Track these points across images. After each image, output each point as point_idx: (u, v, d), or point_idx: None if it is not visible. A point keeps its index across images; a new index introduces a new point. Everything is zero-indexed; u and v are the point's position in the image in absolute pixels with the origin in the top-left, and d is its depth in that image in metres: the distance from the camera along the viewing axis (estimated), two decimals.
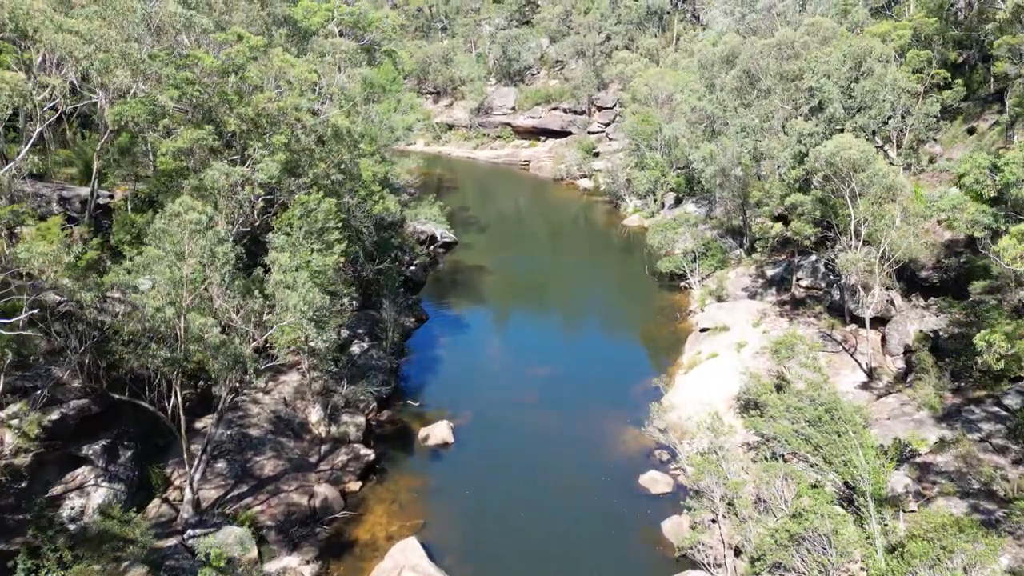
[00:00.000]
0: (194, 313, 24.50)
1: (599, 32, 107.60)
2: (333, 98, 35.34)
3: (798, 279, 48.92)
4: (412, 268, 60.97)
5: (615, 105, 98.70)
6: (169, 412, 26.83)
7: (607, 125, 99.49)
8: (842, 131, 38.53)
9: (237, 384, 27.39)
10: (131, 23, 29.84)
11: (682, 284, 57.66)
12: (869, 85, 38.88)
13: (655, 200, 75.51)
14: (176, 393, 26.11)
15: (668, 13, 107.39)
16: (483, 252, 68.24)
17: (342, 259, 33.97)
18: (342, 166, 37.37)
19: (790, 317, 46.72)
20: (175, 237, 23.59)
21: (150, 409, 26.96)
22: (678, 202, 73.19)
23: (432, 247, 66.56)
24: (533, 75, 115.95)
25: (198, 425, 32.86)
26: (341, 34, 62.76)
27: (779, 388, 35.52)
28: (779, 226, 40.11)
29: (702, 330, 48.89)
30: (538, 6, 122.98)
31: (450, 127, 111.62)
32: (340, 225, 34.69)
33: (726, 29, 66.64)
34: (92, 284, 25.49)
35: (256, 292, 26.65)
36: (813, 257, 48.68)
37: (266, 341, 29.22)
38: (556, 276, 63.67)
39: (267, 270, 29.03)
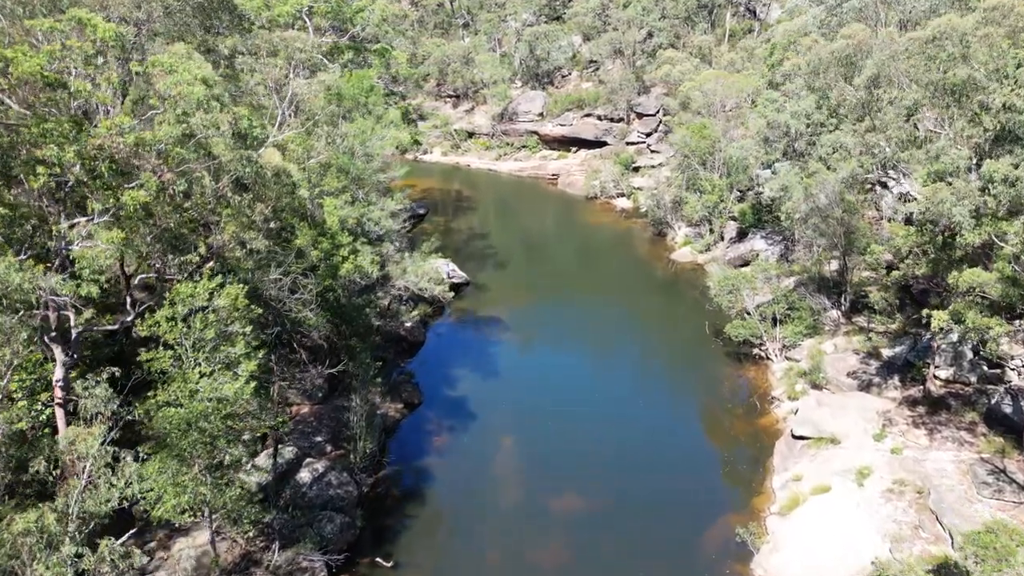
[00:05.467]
0: None
1: (640, 28, 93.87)
2: (232, 124, 22.51)
3: (935, 368, 34.90)
4: (408, 324, 48.21)
5: (658, 112, 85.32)
6: None
7: (648, 135, 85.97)
8: None
9: None
10: None
11: (755, 352, 43.95)
12: None
13: (711, 231, 61.67)
14: None
15: (720, 6, 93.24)
16: (500, 297, 55.14)
17: (253, 383, 21.04)
18: (271, 224, 24.44)
19: (928, 427, 32.82)
20: None
21: None
22: (742, 236, 59.22)
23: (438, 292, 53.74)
24: (564, 77, 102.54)
25: None
26: (325, 30, 50.16)
27: None
28: (942, 315, 26.32)
29: (796, 436, 35.23)
30: (570, 0, 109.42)
31: (470, 135, 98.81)
32: (253, 325, 21.79)
33: (812, 22, 52.69)
34: None
35: None
36: (954, 336, 34.66)
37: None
38: (588, 335, 49.84)
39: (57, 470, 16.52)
